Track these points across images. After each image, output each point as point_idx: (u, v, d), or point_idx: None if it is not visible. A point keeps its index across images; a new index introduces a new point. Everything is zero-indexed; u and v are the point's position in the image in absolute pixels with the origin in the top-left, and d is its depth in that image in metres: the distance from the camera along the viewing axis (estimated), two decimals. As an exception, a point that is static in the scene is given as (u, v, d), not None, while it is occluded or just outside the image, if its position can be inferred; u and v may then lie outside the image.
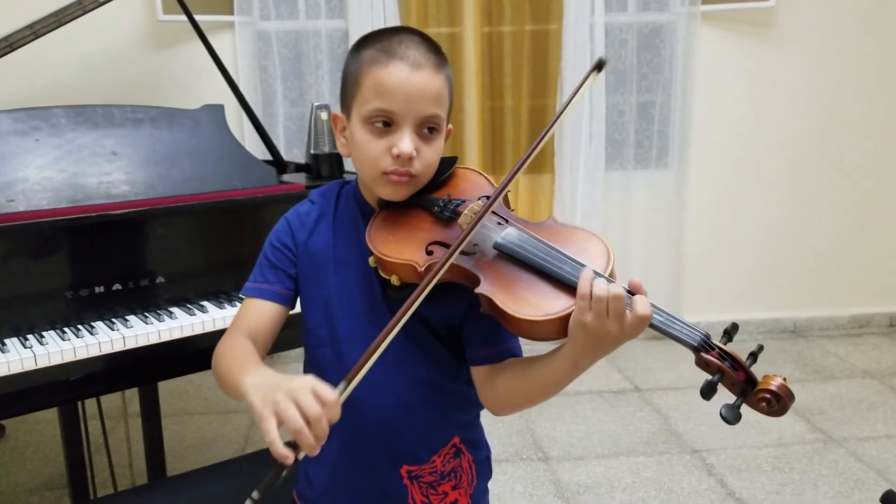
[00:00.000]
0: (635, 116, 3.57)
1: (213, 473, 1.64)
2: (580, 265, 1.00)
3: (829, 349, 3.61)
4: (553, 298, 0.99)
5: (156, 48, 3.23)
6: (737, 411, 0.93)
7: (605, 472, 2.54)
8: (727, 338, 1.00)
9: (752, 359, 0.98)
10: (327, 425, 0.89)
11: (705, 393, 0.94)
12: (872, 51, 3.61)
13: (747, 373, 0.96)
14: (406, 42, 1.10)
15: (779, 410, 0.94)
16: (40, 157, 1.72)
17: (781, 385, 0.94)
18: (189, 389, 3.22)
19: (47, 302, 1.61)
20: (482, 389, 1.15)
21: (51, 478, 2.56)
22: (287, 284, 1.22)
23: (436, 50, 1.13)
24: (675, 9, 3.45)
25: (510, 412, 1.19)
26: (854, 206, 3.77)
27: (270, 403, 0.89)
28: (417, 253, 1.09)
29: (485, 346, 1.14)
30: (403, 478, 1.20)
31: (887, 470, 2.50)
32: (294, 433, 0.87)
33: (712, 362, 0.96)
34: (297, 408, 0.88)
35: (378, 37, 1.13)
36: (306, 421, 0.87)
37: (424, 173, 1.14)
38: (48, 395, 1.56)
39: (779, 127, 3.66)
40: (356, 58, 1.13)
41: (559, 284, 1.00)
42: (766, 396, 0.94)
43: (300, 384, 0.90)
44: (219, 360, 1.16)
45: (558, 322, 0.98)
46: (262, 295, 1.21)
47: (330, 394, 0.89)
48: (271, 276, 1.22)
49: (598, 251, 1.05)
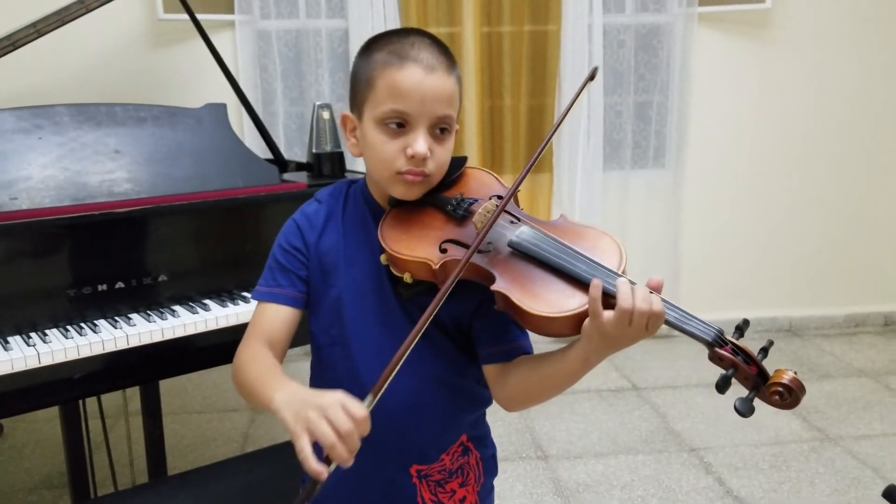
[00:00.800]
0: (633, 117, 3.58)
1: (214, 472, 1.65)
2: (594, 263, 1.02)
3: (825, 348, 3.63)
4: (568, 295, 1.01)
5: (156, 47, 3.23)
6: (750, 404, 0.96)
7: (603, 471, 2.55)
8: (739, 333, 1.02)
9: (763, 354, 1.00)
10: (358, 440, 0.90)
11: (720, 386, 0.96)
12: (867, 52, 3.63)
13: (759, 367, 0.98)
14: (418, 44, 1.11)
15: (791, 403, 0.97)
16: (43, 156, 1.72)
17: (793, 378, 0.96)
18: (188, 388, 3.22)
19: (50, 300, 1.62)
20: (494, 386, 1.16)
21: (49, 477, 2.55)
22: (299, 287, 1.22)
23: (446, 52, 1.14)
24: (672, 10, 3.47)
25: (522, 408, 1.21)
26: (850, 207, 3.79)
27: (302, 420, 0.91)
28: (431, 250, 1.10)
29: (495, 343, 1.15)
30: (412, 476, 1.20)
31: (883, 468, 2.52)
32: (327, 448, 0.89)
33: (726, 357, 0.98)
34: (328, 424, 0.89)
35: (388, 39, 1.14)
36: (339, 436, 0.89)
37: (437, 173, 1.15)
38: (51, 394, 1.57)
39: (775, 128, 3.67)
40: (367, 60, 1.14)
41: (573, 282, 1.02)
42: (778, 390, 0.96)
43: (330, 400, 0.91)
44: (241, 370, 1.15)
45: (574, 318, 0.99)
46: (276, 299, 1.20)
47: (359, 409, 0.91)
48: (283, 279, 1.21)
49: (611, 249, 1.07)
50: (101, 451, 2.12)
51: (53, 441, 2.72)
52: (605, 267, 1.02)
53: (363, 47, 1.17)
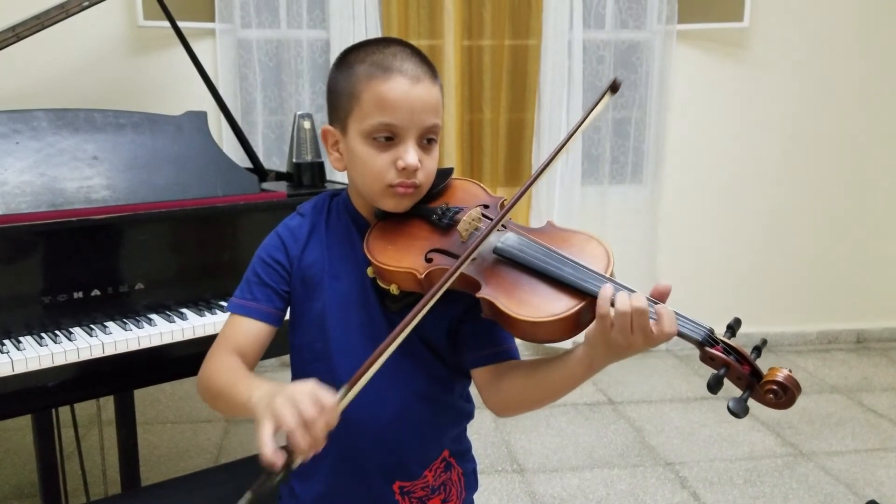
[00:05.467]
0: (611, 132, 3.61)
1: (188, 483, 1.63)
2: (581, 267, 1.02)
3: (799, 364, 3.67)
4: (555, 300, 1.00)
5: (136, 54, 3.21)
6: (744, 404, 0.93)
7: (579, 485, 2.55)
8: (731, 333, 1.01)
9: (757, 353, 0.98)
10: (323, 430, 0.87)
11: (712, 386, 0.93)
12: (844, 71, 3.69)
13: (752, 366, 0.96)
14: (400, 55, 1.11)
15: (786, 402, 0.94)
16: (20, 161, 1.70)
17: (788, 376, 0.94)
18: (161, 398, 3.19)
19: (25, 307, 1.60)
20: (485, 391, 1.15)
21: (20, 486, 2.51)
22: (276, 303, 1.20)
23: (427, 61, 1.14)
24: (651, 27, 3.50)
25: (515, 413, 1.20)
26: (824, 224, 3.84)
27: (270, 408, 0.88)
28: (416, 260, 1.10)
29: (484, 347, 1.15)
30: (395, 493, 1.19)
31: (856, 484, 2.54)
32: (288, 435, 0.86)
33: (717, 357, 0.96)
34: (294, 409, 0.86)
35: (368, 50, 1.13)
36: (303, 423, 0.86)
37: (426, 183, 1.15)
38: (25, 402, 1.54)
39: (751, 145, 3.72)
40: (348, 72, 1.13)
41: (560, 286, 1.01)
42: (773, 388, 0.94)
43: (301, 388, 0.89)
44: (209, 378, 1.13)
45: (560, 323, 0.98)
46: (251, 314, 1.18)
47: (329, 398, 0.88)
48: (260, 293, 1.19)
49: (598, 253, 1.07)
50: (72, 461, 2.09)
51: (24, 451, 2.67)
52: (593, 271, 1.01)
53: (340, 59, 1.16)
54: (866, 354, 3.83)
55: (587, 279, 1.00)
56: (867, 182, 3.83)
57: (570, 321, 0.99)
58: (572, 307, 0.98)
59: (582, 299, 0.99)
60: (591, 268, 1.02)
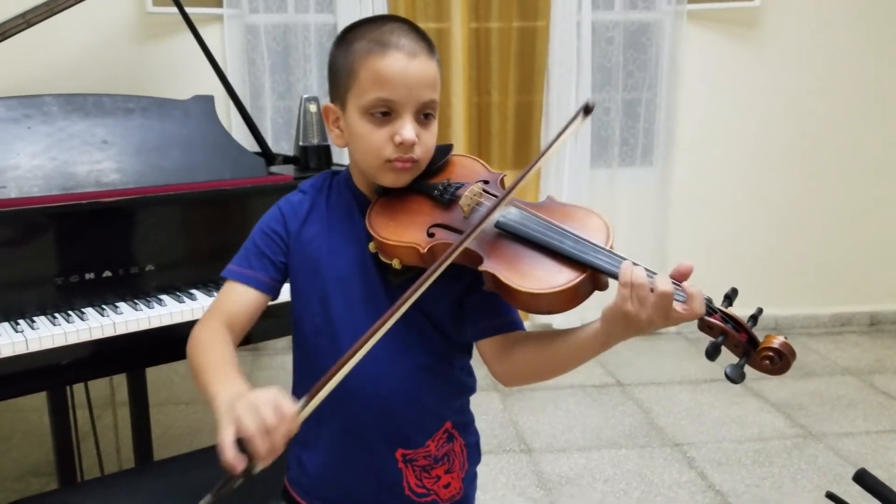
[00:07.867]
0: (621, 114, 3.60)
1: (200, 457, 1.65)
2: (582, 239, 1.04)
3: (811, 346, 3.66)
4: (556, 272, 1.02)
5: (144, 40, 3.23)
6: (741, 371, 0.95)
7: (586, 465, 2.57)
8: (728, 301, 1.02)
9: (753, 321, 1.00)
10: (284, 438, 0.90)
11: (710, 354, 0.95)
12: (856, 51, 3.66)
13: (749, 334, 0.98)
14: (397, 31, 1.12)
15: (782, 367, 0.96)
16: (32, 145, 1.73)
17: (784, 343, 0.96)
18: (175, 379, 3.22)
19: (38, 288, 1.63)
20: (493, 362, 1.17)
21: (37, 465, 2.56)
22: (272, 274, 1.22)
23: (425, 36, 1.15)
24: (661, 7, 3.49)
25: (522, 384, 1.22)
26: (836, 206, 3.82)
27: (232, 413, 0.90)
28: (419, 235, 1.11)
29: (489, 318, 1.16)
30: (398, 461, 1.21)
31: (865, 464, 2.53)
32: (247, 441, 0.88)
33: (715, 325, 0.98)
34: (255, 416, 0.88)
35: (366, 27, 1.14)
36: (263, 429, 0.88)
37: (424, 158, 1.16)
38: (40, 379, 1.59)
39: (762, 126, 3.70)
40: (346, 49, 1.14)
41: (561, 259, 1.03)
42: (769, 354, 0.96)
43: (263, 396, 0.91)
44: (196, 349, 1.15)
45: (562, 294, 1.00)
46: (246, 281, 1.20)
47: (290, 407, 0.91)
48: (257, 263, 1.22)
49: (598, 227, 1.09)
50: (88, 441, 2.13)
51: (41, 430, 2.72)
52: (593, 243, 1.03)
53: (339, 37, 1.18)
54: (879, 337, 3.82)
55: (588, 252, 1.02)
56: (881, 163, 3.80)
57: (571, 293, 1.01)
58: (573, 279, 1.00)
59: (583, 271, 1.01)
60: (592, 240, 1.04)
